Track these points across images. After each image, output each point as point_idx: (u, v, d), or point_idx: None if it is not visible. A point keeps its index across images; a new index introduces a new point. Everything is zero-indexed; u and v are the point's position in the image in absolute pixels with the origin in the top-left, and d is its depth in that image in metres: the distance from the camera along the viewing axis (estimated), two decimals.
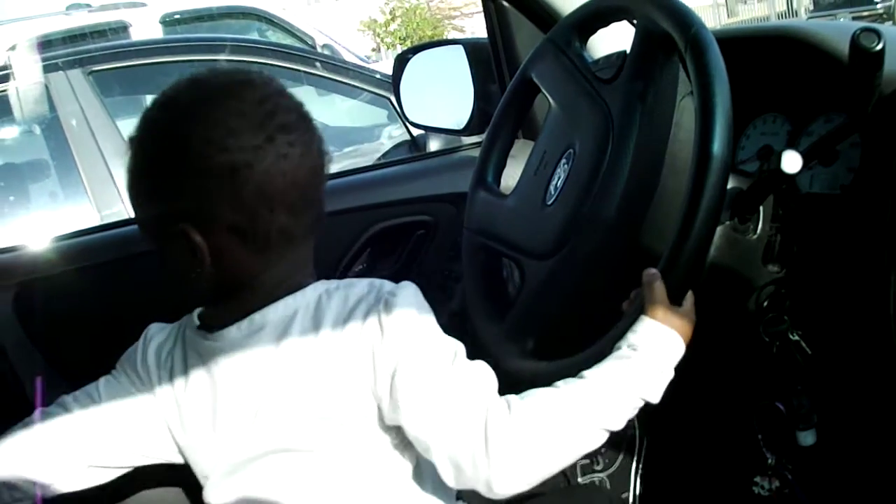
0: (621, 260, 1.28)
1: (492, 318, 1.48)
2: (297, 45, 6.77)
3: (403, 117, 2.22)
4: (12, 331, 1.78)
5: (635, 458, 1.84)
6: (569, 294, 1.33)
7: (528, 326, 1.38)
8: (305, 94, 4.97)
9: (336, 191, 2.02)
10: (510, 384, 1.31)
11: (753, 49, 1.56)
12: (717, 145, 1.13)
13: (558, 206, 1.37)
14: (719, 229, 1.26)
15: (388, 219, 1.97)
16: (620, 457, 1.84)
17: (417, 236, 2.00)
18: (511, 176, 1.64)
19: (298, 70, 4.47)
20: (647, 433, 1.82)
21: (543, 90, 1.55)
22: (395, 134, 4.49)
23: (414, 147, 3.97)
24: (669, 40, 1.26)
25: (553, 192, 1.40)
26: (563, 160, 1.42)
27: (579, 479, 1.78)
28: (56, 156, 4.48)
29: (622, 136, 1.30)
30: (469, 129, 2.04)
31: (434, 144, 3.60)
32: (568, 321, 1.36)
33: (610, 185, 1.28)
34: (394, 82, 2.20)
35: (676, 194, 1.22)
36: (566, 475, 1.76)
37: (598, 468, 1.82)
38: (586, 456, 1.71)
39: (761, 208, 1.31)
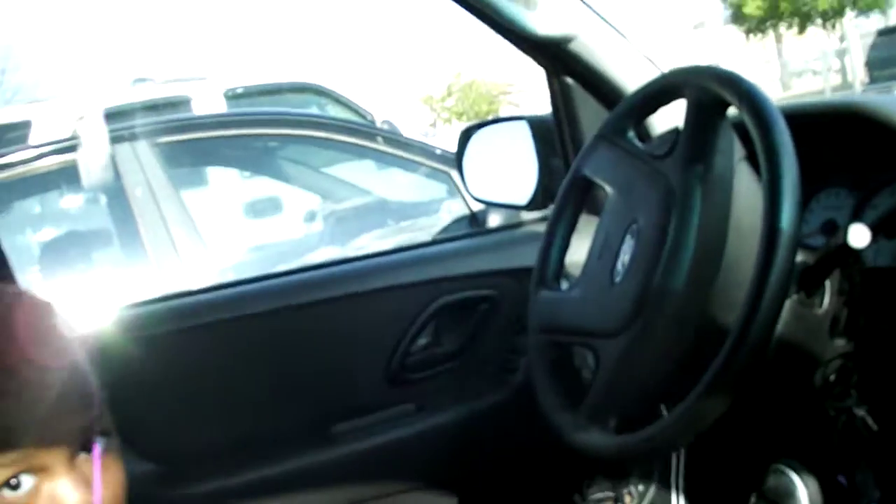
0: (692, 330, 1.29)
1: (567, 407, 1.48)
2: (357, 119, 6.87)
3: (466, 192, 2.24)
4: None
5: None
6: (645, 367, 1.34)
7: (609, 405, 1.38)
8: (365, 168, 5.04)
9: (400, 265, 2.06)
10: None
11: (813, 123, 1.57)
12: (786, 220, 1.14)
13: (627, 282, 1.38)
14: (786, 303, 1.26)
15: (452, 293, 1.99)
16: None
17: (482, 311, 2.01)
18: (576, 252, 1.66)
19: (359, 144, 4.52)
20: None
21: (598, 181, 1.56)
22: (454, 209, 4.53)
23: (474, 222, 4.00)
24: (723, 107, 1.28)
25: (620, 270, 1.41)
26: (628, 236, 1.43)
27: None
28: (120, 224, 4.55)
29: (685, 206, 1.31)
30: (533, 205, 2.05)
31: (494, 219, 3.63)
32: (647, 393, 1.37)
33: (677, 256, 1.29)
34: (457, 157, 2.22)
35: (743, 260, 1.23)
36: None
37: None
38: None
39: (827, 282, 1.32)
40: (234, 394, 1.90)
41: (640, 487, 1.75)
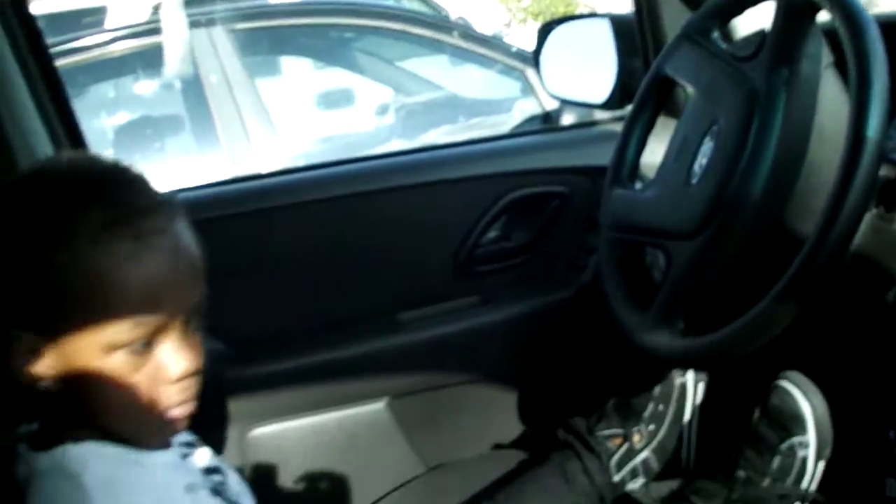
0: (768, 236, 1.28)
1: (635, 307, 1.48)
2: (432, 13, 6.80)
3: (543, 88, 2.22)
4: None
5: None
6: (717, 270, 1.33)
7: (678, 307, 1.38)
8: (439, 63, 5.01)
9: (473, 156, 2.05)
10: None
11: None
12: (873, 127, 1.12)
13: (704, 183, 1.37)
14: (865, 216, 1.25)
15: (524, 187, 1.98)
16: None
17: (552, 207, 2.01)
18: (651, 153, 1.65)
19: (434, 38, 4.48)
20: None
21: (680, 81, 1.54)
22: (526, 108, 4.50)
23: (547, 121, 3.97)
24: (814, 10, 1.25)
25: (697, 171, 1.40)
26: (707, 138, 1.41)
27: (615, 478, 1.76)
28: (193, 110, 4.57)
29: (768, 109, 1.29)
30: (609, 104, 2.03)
31: (568, 119, 3.60)
32: (716, 297, 1.36)
33: (757, 160, 1.27)
34: (535, 53, 2.19)
35: (823, 168, 1.21)
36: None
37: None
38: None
39: None
40: (304, 277, 1.92)
41: (651, 427, 1.75)
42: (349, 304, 1.94)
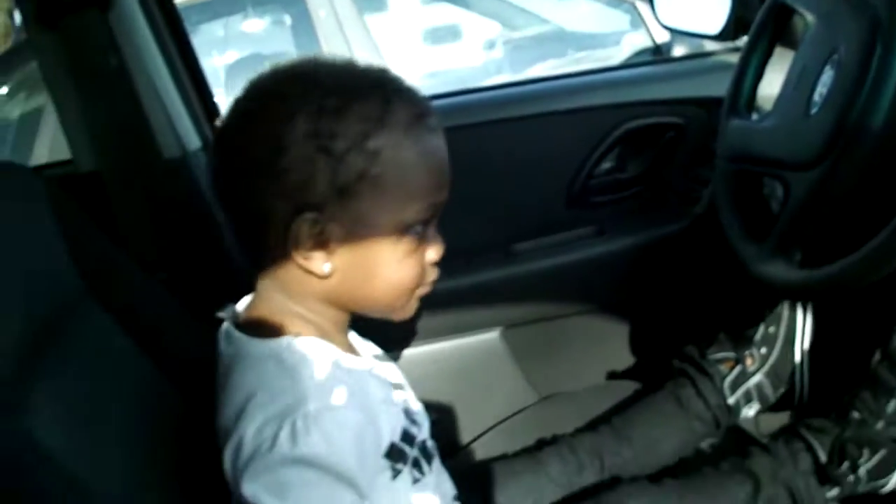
0: (888, 167, 1.27)
1: (752, 238, 1.49)
2: None
3: (656, 18, 2.20)
4: None
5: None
6: (837, 201, 1.32)
7: (796, 238, 1.38)
8: None
9: (588, 87, 2.05)
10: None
11: None
12: None
13: (824, 113, 1.35)
14: None
15: (639, 118, 1.98)
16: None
17: (667, 138, 2.00)
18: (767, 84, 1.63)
19: None
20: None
21: (799, 9, 1.52)
22: (635, 41, 4.44)
23: (657, 55, 3.92)
24: None
25: (817, 101, 1.38)
26: (828, 67, 1.39)
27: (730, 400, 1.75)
28: (303, 47, 4.61)
29: (891, 37, 1.26)
30: (724, 35, 2.00)
31: (678, 52, 3.57)
32: (836, 228, 1.35)
33: (879, 89, 1.25)
34: None
35: None
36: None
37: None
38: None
39: None
40: None
41: (763, 350, 1.73)
42: (464, 234, 1.95)
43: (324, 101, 1.02)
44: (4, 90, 3.92)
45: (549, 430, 1.71)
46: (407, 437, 1.14)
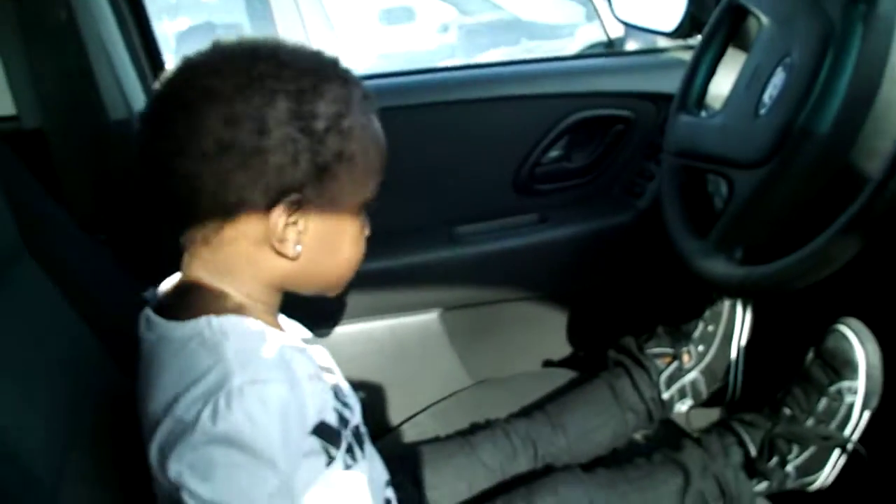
0: (832, 172, 1.28)
1: (694, 233, 1.51)
2: None
3: (612, 13, 2.20)
4: None
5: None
6: (779, 202, 1.34)
7: (737, 235, 1.40)
8: None
9: (540, 75, 2.05)
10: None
11: None
12: None
13: (772, 115, 1.37)
14: None
15: (589, 109, 1.98)
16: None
17: (616, 131, 2.01)
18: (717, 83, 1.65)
19: None
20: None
21: (754, 10, 1.53)
22: (588, 34, 4.45)
23: (610, 48, 3.93)
24: None
25: (767, 102, 1.40)
26: (779, 69, 1.41)
27: (664, 395, 1.76)
28: (256, 20, 4.58)
29: (842, 45, 1.27)
30: (679, 32, 2.02)
31: (631, 47, 3.58)
32: (777, 229, 1.37)
33: (828, 94, 1.27)
34: None
35: (894, 108, 1.21)
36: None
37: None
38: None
39: None
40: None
41: (700, 348, 1.75)
42: (408, 213, 1.96)
43: (300, 82, 1.03)
44: None
45: (482, 415, 1.71)
46: (342, 420, 1.14)
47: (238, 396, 0.95)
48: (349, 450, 1.15)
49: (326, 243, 1.10)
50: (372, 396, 1.97)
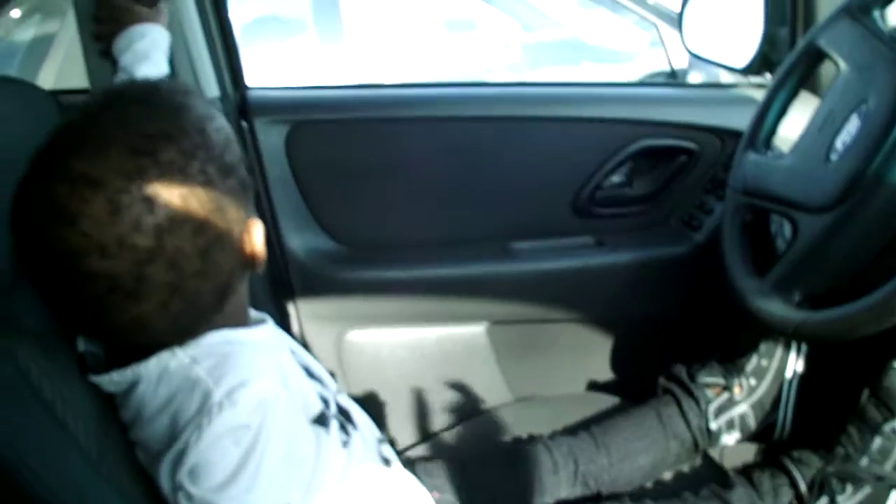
0: None
1: (752, 272, 1.51)
2: None
3: (682, 44, 2.20)
4: (279, 166, 1.90)
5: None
6: (843, 248, 1.35)
7: (797, 278, 1.40)
8: (569, 3, 4.95)
9: (606, 99, 2.06)
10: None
11: None
12: None
13: (844, 161, 1.38)
14: None
15: (655, 137, 1.99)
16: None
17: (679, 162, 2.01)
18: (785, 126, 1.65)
19: None
20: None
21: (833, 55, 1.54)
22: (652, 63, 4.42)
23: (672, 79, 3.91)
24: None
25: (839, 148, 1.41)
26: (854, 116, 1.41)
27: (712, 425, 1.76)
28: (321, 15, 4.59)
29: None
30: (749, 69, 2.02)
31: (694, 79, 3.56)
32: (838, 274, 1.37)
33: None
34: (681, 8, 2.18)
35: None
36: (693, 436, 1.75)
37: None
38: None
39: None
40: (426, 192, 1.96)
41: (752, 382, 1.75)
42: (466, 224, 1.97)
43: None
44: (18, 13, 3.89)
45: (523, 430, 1.73)
46: (323, 400, 1.15)
47: (218, 410, 0.95)
48: (341, 428, 1.17)
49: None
50: (412, 402, 1.98)
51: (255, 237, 1.02)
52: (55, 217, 0.87)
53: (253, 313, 1.16)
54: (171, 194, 0.90)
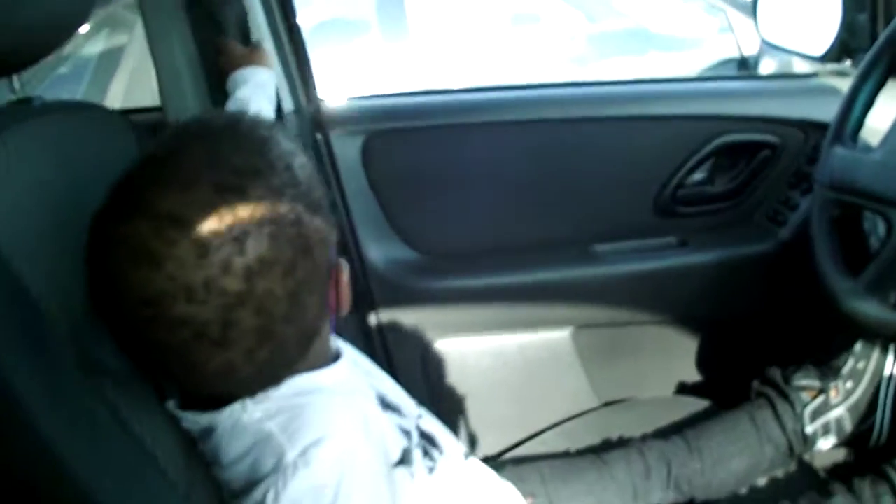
0: None
1: (846, 271, 1.48)
2: None
3: (757, 33, 2.16)
4: (356, 177, 1.90)
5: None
6: None
7: (894, 279, 1.37)
8: None
9: (685, 95, 2.03)
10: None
11: None
12: None
13: None
14: None
15: (736, 132, 1.96)
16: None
17: (762, 157, 1.98)
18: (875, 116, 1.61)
19: None
20: None
21: None
22: (721, 50, 4.36)
23: (742, 66, 3.85)
24: None
25: None
26: None
27: (807, 429, 1.72)
28: (386, 16, 4.61)
29: None
30: (828, 57, 1.98)
31: (766, 66, 3.51)
32: None
33: None
34: None
35: None
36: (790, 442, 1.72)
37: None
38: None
39: None
40: (505, 198, 1.94)
41: (849, 385, 1.71)
42: (546, 229, 1.96)
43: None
44: (87, 27, 3.94)
45: (612, 435, 1.72)
46: (404, 433, 1.13)
47: (293, 471, 0.91)
48: (425, 454, 1.15)
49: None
50: (499, 408, 1.97)
51: (343, 279, 1.00)
52: (138, 259, 0.82)
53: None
54: (262, 234, 0.85)
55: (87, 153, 1.10)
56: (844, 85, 1.82)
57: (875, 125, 1.60)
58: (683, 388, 2.08)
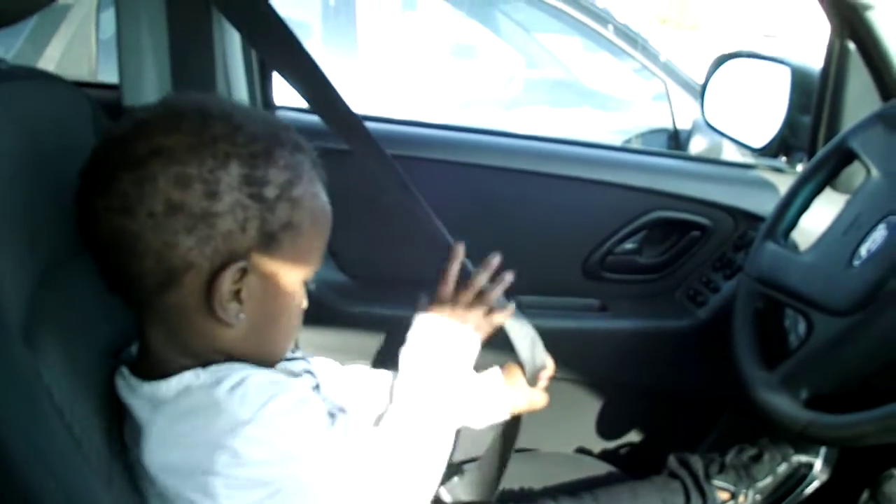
0: None
1: (762, 362, 1.54)
2: None
3: (702, 116, 2.23)
4: None
5: None
6: (857, 355, 1.38)
7: (807, 377, 1.43)
8: (572, 45, 4.97)
9: (626, 165, 2.09)
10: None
11: None
12: None
13: (867, 268, 1.41)
14: None
15: (671, 210, 2.04)
16: None
17: (692, 236, 2.07)
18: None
19: (582, 21, 4.40)
20: None
21: (865, 159, 1.57)
22: (650, 117, 4.42)
23: (674, 140, 3.93)
24: None
25: (863, 255, 1.44)
26: (882, 225, 1.44)
27: None
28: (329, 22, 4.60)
29: None
30: (766, 151, 2.05)
31: (696, 143, 3.60)
32: (848, 380, 1.40)
33: None
34: (704, 80, 2.21)
35: None
36: None
37: None
38: None
39: None
40: (437, 233, 1.96)
41: (758, 497, 1.78)
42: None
43: (253, 147, 1.02)
44: None
45: (513, 485, 1.75)
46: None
47: (252, 427, 0.99)
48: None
49: (268, 313, 1.09)
50: None
51: (222, 286, 1.02)
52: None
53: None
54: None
55: (46, 126, 1.12)
56: (779, 181, 1.90)
57: (807, 226, 1.67)
58: (586, 448, 2.13)
